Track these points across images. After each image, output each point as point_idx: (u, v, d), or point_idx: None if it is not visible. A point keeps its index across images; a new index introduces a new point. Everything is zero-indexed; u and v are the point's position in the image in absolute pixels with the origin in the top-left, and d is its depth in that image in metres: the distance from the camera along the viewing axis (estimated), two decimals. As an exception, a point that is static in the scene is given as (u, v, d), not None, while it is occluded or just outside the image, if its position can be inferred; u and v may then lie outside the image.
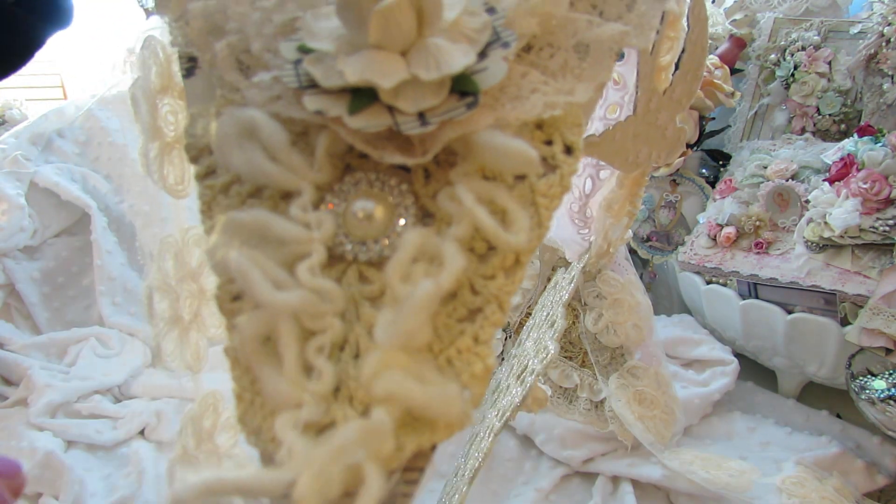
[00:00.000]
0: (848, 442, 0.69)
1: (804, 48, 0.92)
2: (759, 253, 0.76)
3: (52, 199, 0.97)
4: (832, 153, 0.75)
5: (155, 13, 0.24)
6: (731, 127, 1.01)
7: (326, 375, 0.17)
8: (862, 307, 0.64)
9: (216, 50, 0.21)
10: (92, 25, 1.21)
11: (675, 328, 0.90)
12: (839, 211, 0.67)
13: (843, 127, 0.90)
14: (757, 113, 0.98)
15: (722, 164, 0.99)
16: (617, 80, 0.40)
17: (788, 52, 0.94)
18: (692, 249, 0.81)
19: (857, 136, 0.74)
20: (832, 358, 0.72)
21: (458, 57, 0.18)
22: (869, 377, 0.64)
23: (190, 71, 0.22)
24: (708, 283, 0.85)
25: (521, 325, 0.68)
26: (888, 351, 0.61)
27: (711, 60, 0.89)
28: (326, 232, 0.18)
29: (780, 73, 0.94)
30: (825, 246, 0.69)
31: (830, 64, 0.91)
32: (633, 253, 0.99)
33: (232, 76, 0.20)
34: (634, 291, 0.60)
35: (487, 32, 0.19)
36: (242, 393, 0.18)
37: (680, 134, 0.38)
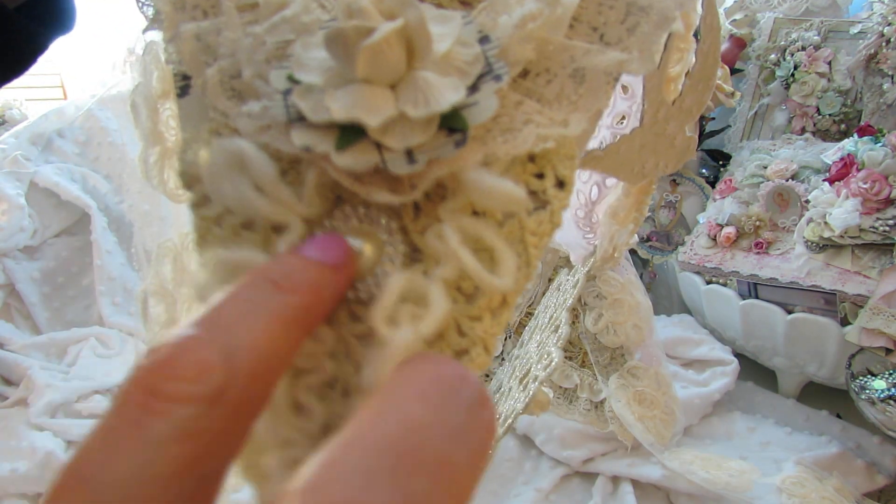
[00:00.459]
0: (848, 442, 0.69)
1: (804, 48, 0.92)
2: (759, 253, 0.76)
3: (52, 199, 0.97)
4: (832, 153, 0.75)
5: (151, 28, 0.24)
6: (731, 127, 1.01)
7: (316, 414, 0.17)
8: (862, 307, 0.64)
9: (207, 75, 0.20)
10: (92, 25, 1.21)
11: (675, 328, 0.90)
12: (839, 211, 0.67)
13: (843, 127, 0.90)
14: (757, 113, 0.98)
15: (722, 164, 0.99)
16: (625, 88, 0.40)
17: (788, 52, 0.94)
18: (692, 249, 0.81)
19: (857, 136, 0.74)
20: (832, 358, 0.72)
21: (447, 93, 0.17)
22: (869, 377, 0.64)
23: (184, 90, 0.22)
24: (708, 283, 0.85)
25: (521, 324, 0.68)
26: (888, 351, 0.62)
27: (711, 60, 0.89)
28: None
29: (780, 73, 0.94)
30: (825, 246, 0.69)
31: (830, 64, 0.91)
32: (633, 253, 0.99)
33: (222, 103, 0.20)
34: (635, 292, 0.60)
35: (479, 65, 0.18)
36: None
37: (689, 143, 0.37)
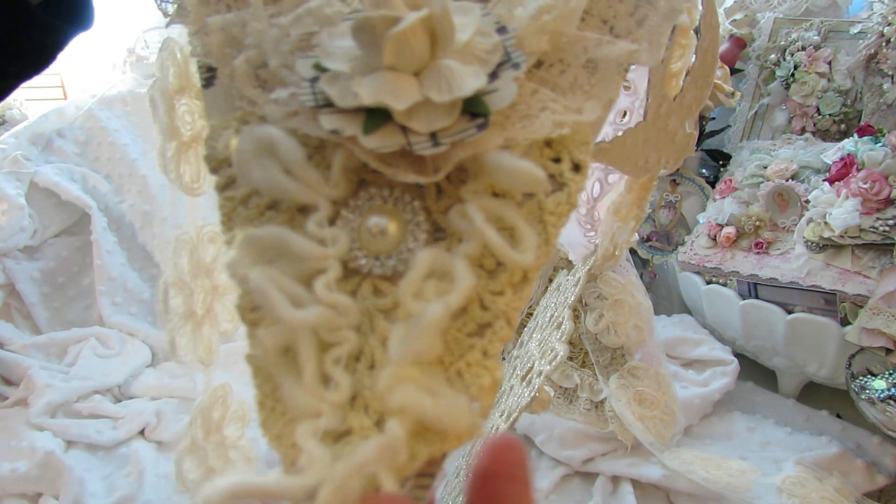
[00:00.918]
0: (848, 442, 0.69)
1: (804, 48, 0.92)
2: (759, 253, 0.76)
3: (52, 199, 0.97)
4: (832, 153, 0.75)
5: (175, 21, 0.24)
6: (731, 127, 1.01)
7: (343, 386, 0.18)
8: (862, 307, 0.64)
9: (235, 65, 0.21)
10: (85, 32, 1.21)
11: (675, 328, 0.90)
12: (839, 211, 0.67)
13: (843, 127, 0.90)
14: (757, 113, 0.98)
15: (722, 164, 0.99)
16: (628, 85, 0.40)
17: (788, 52, 0.94)
18: (692, 249, 0.81)
19: (857, 136, 0.74)
20: (832, 358, 0.72)
21: (469, 79, 0.18)
22: (869, 377, 0.64)
23: (209, 81, 0.23)
24: (708, 283, 0.85)
25: (521, 325, 0.68)
26: (888, 351, 0.62)
27: (711, 60, 0.89)
28: (341, 248, 0.19)
29: (780, 73, 0.94)
30: (825, 246, 0.69)
31: (830, 64, 0.91)
32: (633, 253, 0.99)
33: (250, 91, 0.21)
34: (635, 292, 0.60)
35: (498, 53, 0.19)
36: (264, 400, 0.19)
37: (689, 139, 0.38)
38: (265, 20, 0.22)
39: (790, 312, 0.74)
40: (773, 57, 0.95)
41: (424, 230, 0.20)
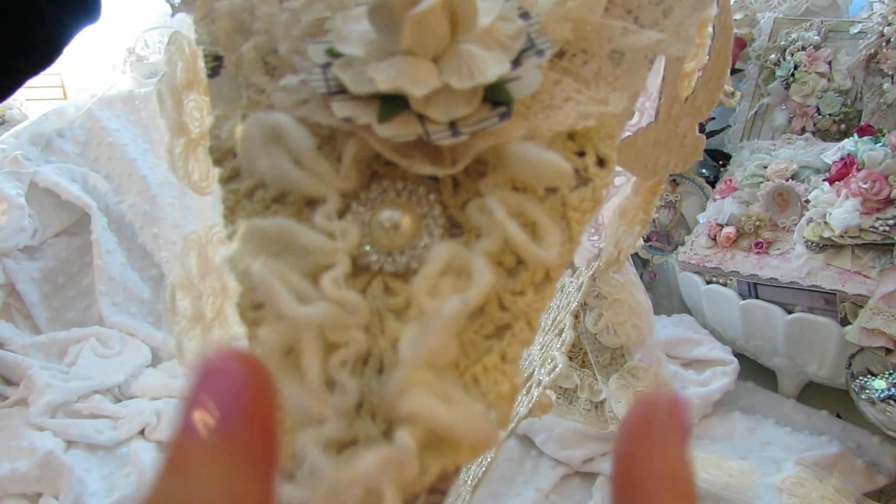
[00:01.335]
0: (848, 442, 0.69)
1: (804, 48, 0.92)
2: (759, 253, 0.76)
3: (52, 199, 0.98)
4: (832, 153, 0.75)
5: (181, 10, 0.24)
6: (731, 127, 1.01)
7: (349, 391, 0.16)
8: (862, 307, 0.64)
9: (243, 51, 0.20)
10: (92, 25, 1.21)
11: (675, 328, 0.90)
12: (839, 211, 0.67)
13: (843, 127, 0.90)
14: (757, 113, 0.98)
15: (722, 164, 0.99)
16: None
17: (788, 52, 0.94)
18: (692, 249, 0.81)
19: (857, 136, 0.74)
20: (832, 358, 0.72)
21: (491, 65, 0.17)
22: (869, 377, 0.64)
23: (215, 70, 0.22)
24: (708, 283, 0.85)
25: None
26: (888, 351, 0.61)
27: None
28: (351, 242, 0.18)
29: (780, 73, 0.94)
30: (825, 246, 0.69)
31: (830, 64, 0.91)
32: (633, 253, 0.99)
33: (258, 78, 0.20)
34: (635, 292, 0.59)
35: (522, 39, 0.18)
36: None
37: (698, 143, 0.37)
38: (275, 4, 0.21)
39: (790, 312, 0.74)
40: (773, 57, 0.95)
41: (440, 225, 0.18)
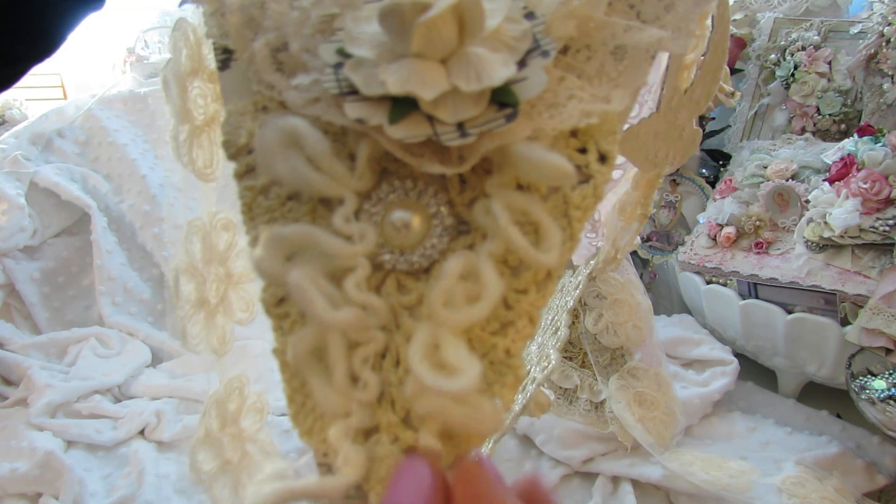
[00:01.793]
0: (848, 442, 0.69)
1: (804, 48, 0.92)
2: (759, 253, 0.76)
3: (52, 199, 0.97)
4: (832, 153, 0.75)
5: (191, 1, 0.24)
6: (731, 127, 1.01)
7: (371, 385, 0.18)
8: (862, 307, 0.64)
9: (254, 48, 0.21)
10: (92, 25, 1.21)
11: (675, 328, 0.90)
12: (839, 211, 0.67)
13: (843, 127, 0.90)
14: (757, 113, 0.98)
15: (722, 164, 0.99)
16: None
17: (788, 52, 0.94)
18: (692, 249, 0.81)
19: (857, 136, 0.74)
20: (832, 358, 0.72)
21: (498, 68, 0.18)
22: (869, 377, 0.64)
23: (225, 63, 0.22)
24: (708, 283, 0.85)
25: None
26: (888, 351, 0.61)
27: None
28: (369, 244, 0.19)
29: (780, 73, 0.94)
30: (825, 246, 0.69)
31: (830, 64, 0.91)
32: (633, 253, 0.99)
33: (269, 76, 0.21)
34: (634, 292, 0.59)
35: (527, 40, 0.19)
36: (294, 395, 0.19)
37: (695, 136, 0.38)
38: (285, 1, 0.21)
39: (790, 312, 0.74)
40: (773, 57, 0.95)
41: (448, 224, 0.19)
